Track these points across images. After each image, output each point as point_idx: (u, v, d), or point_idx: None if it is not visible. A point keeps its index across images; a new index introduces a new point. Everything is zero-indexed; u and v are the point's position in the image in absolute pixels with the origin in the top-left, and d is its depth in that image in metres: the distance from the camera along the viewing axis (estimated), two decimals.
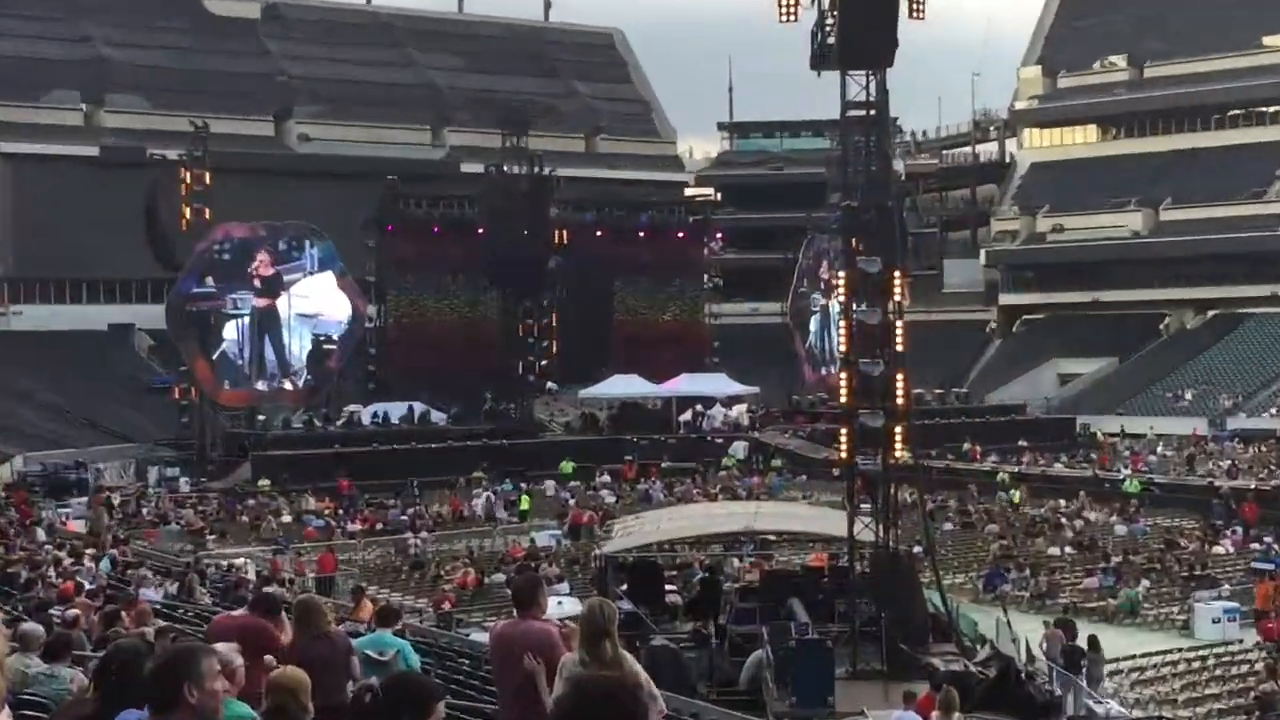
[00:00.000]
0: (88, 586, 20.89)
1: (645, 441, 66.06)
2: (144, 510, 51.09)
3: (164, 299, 68.34)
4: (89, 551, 30.03)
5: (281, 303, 67.20)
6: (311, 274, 68.02)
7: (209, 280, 65.65)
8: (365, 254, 72.17)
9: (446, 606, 33.37)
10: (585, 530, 47.56)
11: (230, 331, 66.42)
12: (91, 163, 79.13)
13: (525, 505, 53.00)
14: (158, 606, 19.40)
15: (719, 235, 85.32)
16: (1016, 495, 53.71)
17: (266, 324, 67.08)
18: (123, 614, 13.63)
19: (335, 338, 68.53)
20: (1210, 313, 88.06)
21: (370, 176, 77.01)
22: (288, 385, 67.70)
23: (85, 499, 51.72)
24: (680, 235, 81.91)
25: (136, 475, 60.81)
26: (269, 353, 67.31)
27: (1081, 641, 26.47)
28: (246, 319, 66.42)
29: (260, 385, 66.86)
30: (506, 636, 8.83)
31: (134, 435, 67.14)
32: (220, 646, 6.84)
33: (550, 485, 58.47)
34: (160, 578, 27.17)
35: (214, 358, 65.45)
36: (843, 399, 29.37)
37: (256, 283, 66.32)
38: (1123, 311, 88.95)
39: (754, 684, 24.78)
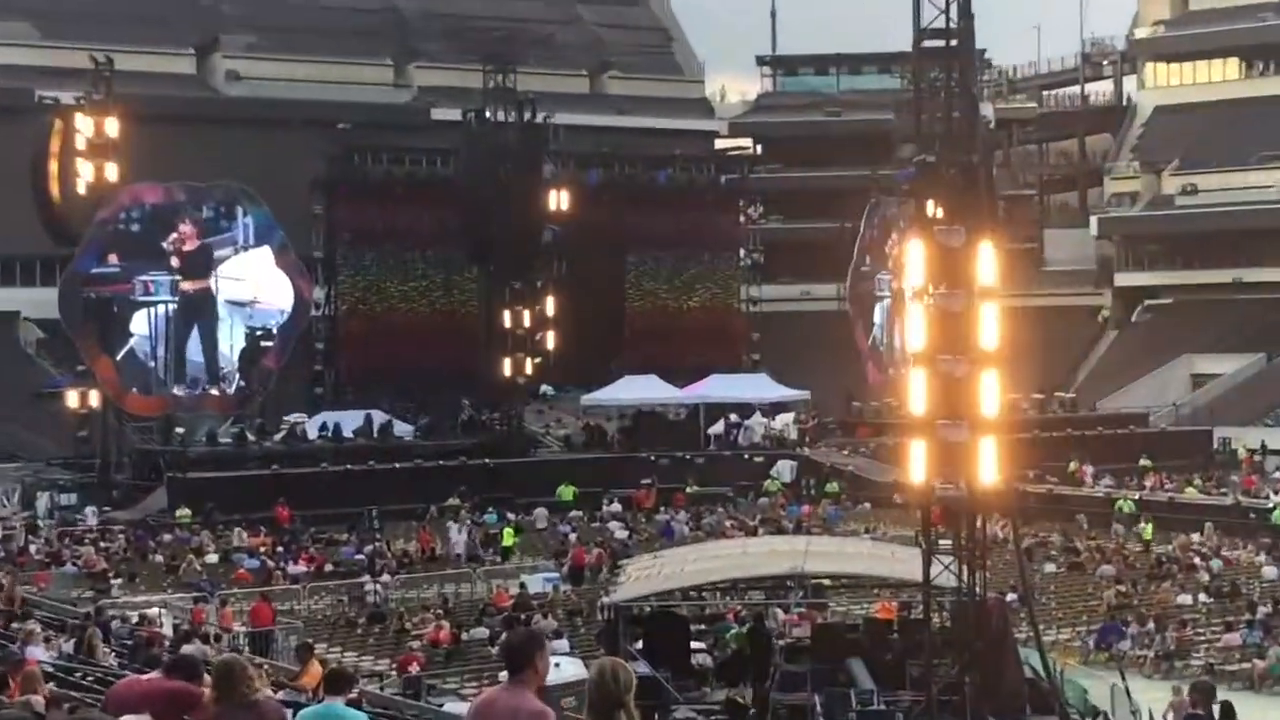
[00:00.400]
0: None
1: (665, 460, 66.05)
2: (32, 547, 51.17)
3: (56, 281, 68.46)
4: None
5: (210, 286, 67.33)
6: (245, 249, 68.10)
7: (112, 258, 65.70)
8: (311, 223, 72.23)
9: (414, 669, 33.44)
10: (590, 573, 47.55)
11: (140, 324, 66.38)
12: None
13: (509, 540, 53.03)
14: (49, 669, 19.42)
15: (759, 199, 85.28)
16: (1148, 530, 53.44)
17: (191, 314, 67.09)
18: (7, 679, 13.65)
19: (273, 330, 68.59)
20: None
21: (317, 125, 77.10)
22: (213, 390, 67.83)
23: None
24: (710, 199, 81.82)
25: (22, 503, 60.92)
26: (193, 351, 67.27)
27: (1217, 712, 26.39)
28: (163, 308, 66.52)
29: (178, 390, 66.99)
30: (492, 712, 8.79)
31: (18, 452, 67.27)
32: None
33: (541, 515, 58.46)
34: (53, 632, 27.21)
35: (118, 358, 65.54)
36: (917, 407, 29.33)
37: (176, 260, 66.43)
38: (1273, 295, 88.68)
39: None
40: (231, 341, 67.86)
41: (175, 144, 74.20)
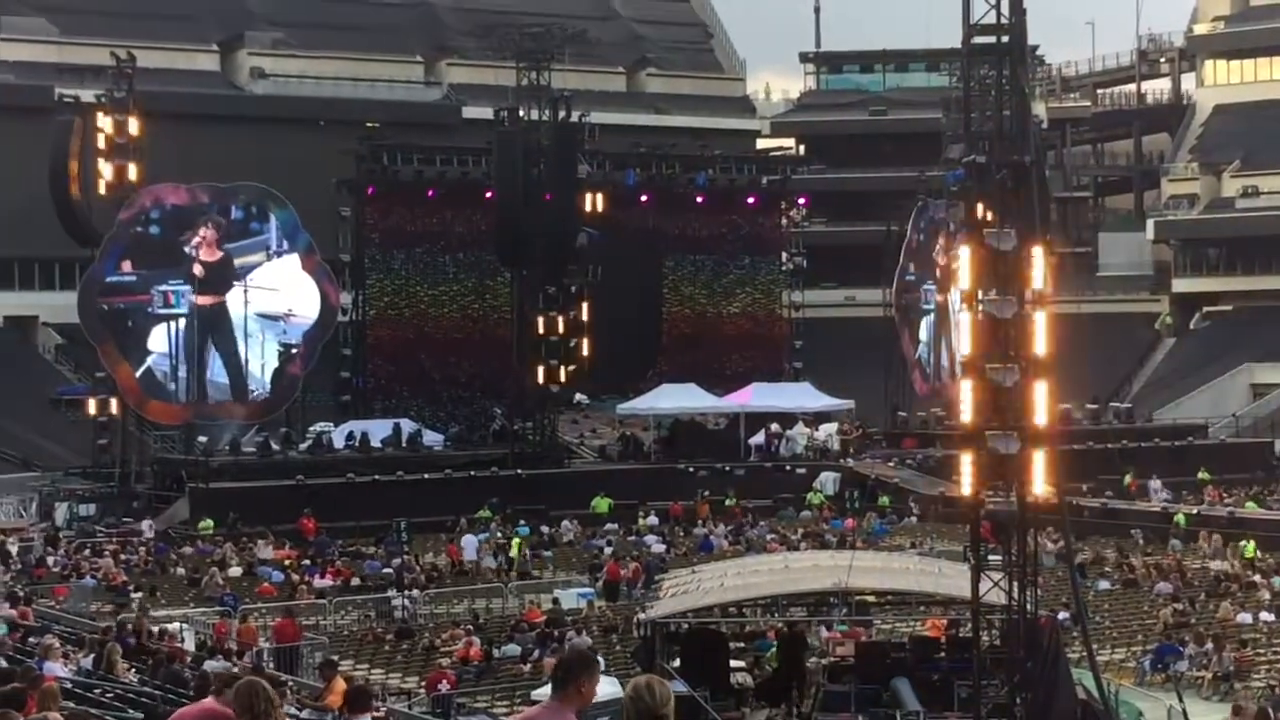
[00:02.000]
0: None
1: (704, 472, 66.09)
2: (50, 560, 51.37)
3: (76, 285, 68.77)
4: None
5: (234, 298, 67.28)
6: (278, 255, 68.22)
7: (126, 266, 65.81)
8: (338, 226, 72.49)
9: (445, 687, 33.42)
10: (625, 588, 47.54)
11: (158, 341, 66.43)
12: None
13: (515, 550, 53.09)
14: (68, 685, 19.51)
15: (802, 201, 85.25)
16: (1250, 548, 52.06)
17: (212, 330, 67.12)
18: (25, 696, 13.70)
19: (300, 335, 68.80)
20: None
21: (345, 123, 77.32)
22: (237, 398, 68.03)
23: None
24: (750, 201, 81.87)
25: (40, 514, 61.22)
26: (215, 372, 67.27)
27: None
28: (183, 322, 66.53)
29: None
30: None
31: (37, 461, 67.59)
32: None
33: (569, 528, 58.39)
34: (71, 648, 27.32)
35: (139, 373, 65.71)
36: (965, 417, 29.27)
37: (198, 269, 66.58)
38: None
39: None
40: (263, 360, 67.75)
41: (198, 143, 74.70)
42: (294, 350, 68.01)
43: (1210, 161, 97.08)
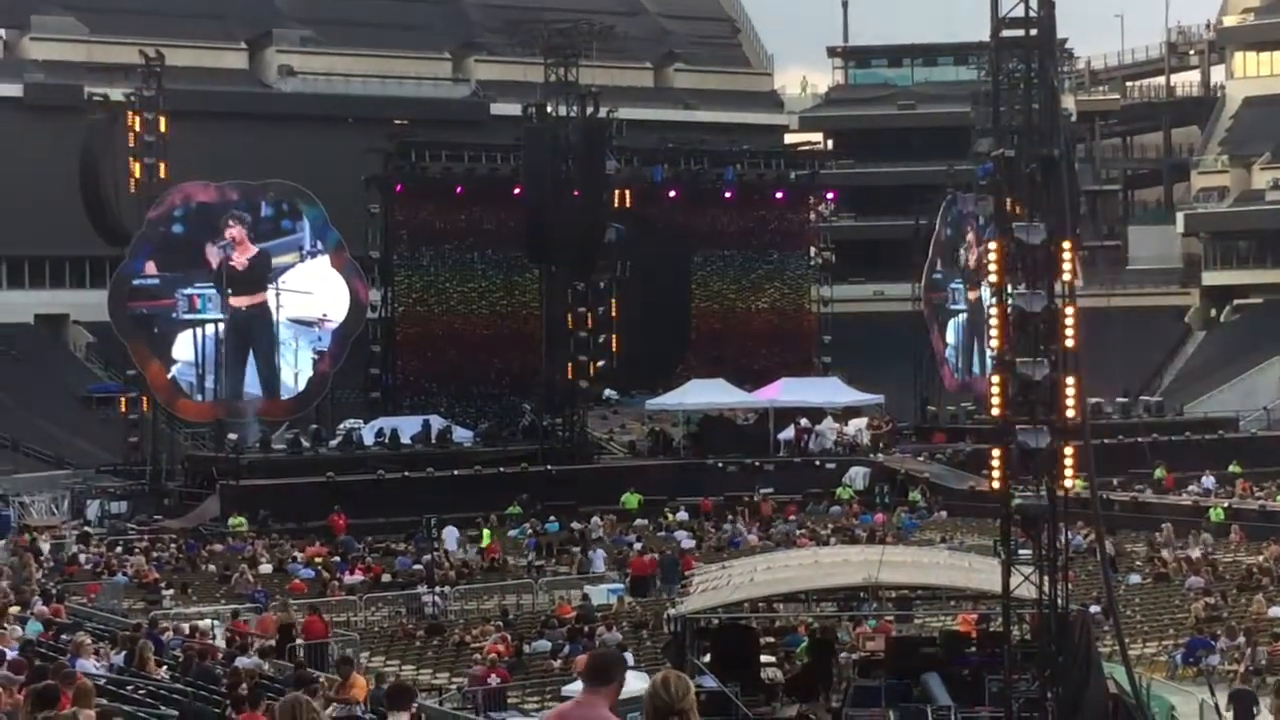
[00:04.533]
0: (9, 656, 21.13)
1: (734, 468, 66.09)
2: (81, 557, 51.54)
3: (106, 283, 69.00)
4: (11, 610, 30.34)
5: (268, 300, 67.24)
6: (311, 255, 68.27)
7: (150, 267, 65.87)
8: (367, 223, 72.55)
9: (494, 681, 33.37)
10: (654, 583, 47.58)
11: (183, 348, 66.42)
12: (13, 105, 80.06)
13: (487, 541, 52.89)
14: (100, 682, 19.59)
15: (830, 196, 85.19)
16: (1217, 512, 52.33)
17: (245, 336, 67.01)
18: (58, 693, 13.76)
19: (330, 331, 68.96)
20: None
21: (373, 121, 77.49)
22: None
23: (3, 542, 52.25)
24: (779, 196, 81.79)
25: (72, 511, 61.43)
26: (251, 383, 67.30)
27: None
28: (209, 329, 66.49)
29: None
30: None
31: (68, 459, 67.84)
32: None
33: (599, 524, 58.31)
34: (103, 644, 27.43)
35: (169, 373, 65.87)
36: (995, 411, 29.24)
37: (237, 264, 66.57)
38: None
39: None
40: (297, 368, 67.83)
41: (227, 142, 74.93)
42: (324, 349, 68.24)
43: (1240, 154, 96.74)
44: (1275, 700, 27.80)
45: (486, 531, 54.79)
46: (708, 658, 29.78)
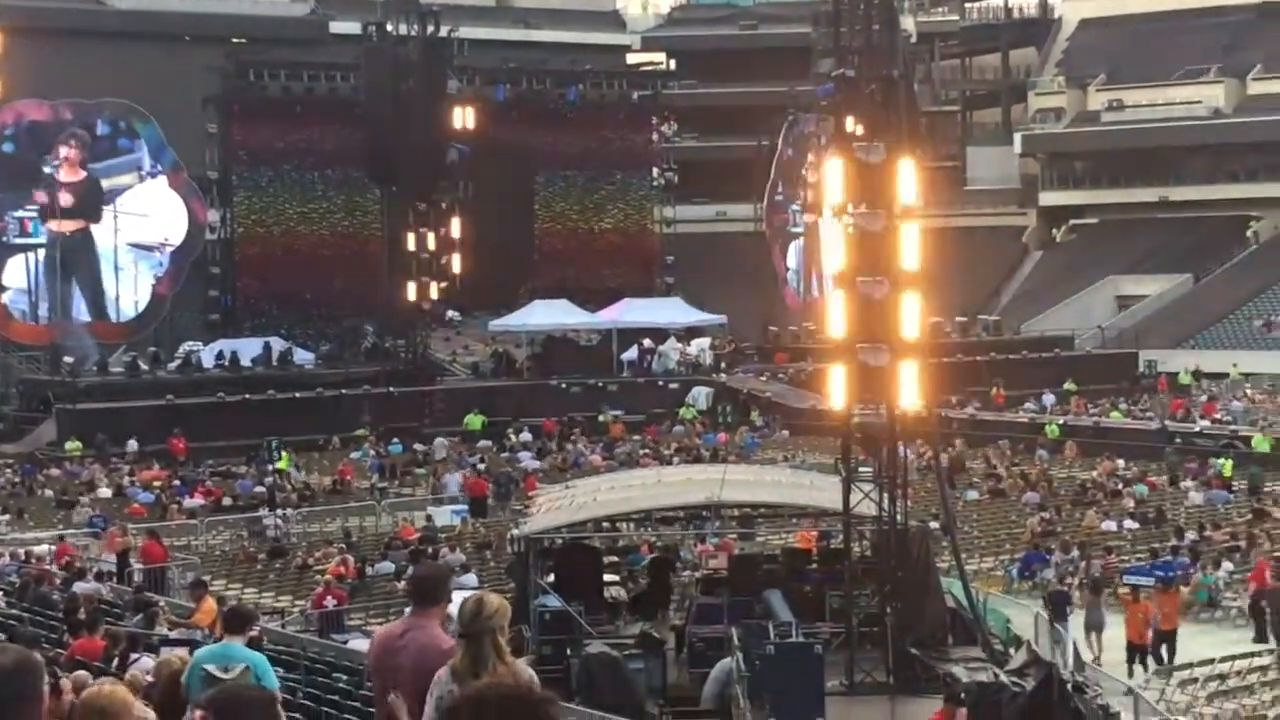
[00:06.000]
0: None
1: (577, 388, 66.18)
2: None
3: None
4: None
5: (104, 226, 66.11)
6: (150, 176, 67.28)
7: None
8: (204, 143, 71.56)
9: (332, 604, 33.25)
10: (495, 503, 47.74)
11: (14, 274, 65.33)
12: None
13: (285, 464, 52.82)
14: None
15: (672, 116, 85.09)
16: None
17: (74, 260, 65.97)
18: None
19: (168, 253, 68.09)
20: None
21: (211, 40, 76.29)
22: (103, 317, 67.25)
23: None
24: (621, 116, 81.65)
25: None
26: (78, 309, 66.33)
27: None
28: (42, 253, 65.37)
29: (65, 318, 66.37)
30: (399, 647, 8.73)
31: None
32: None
33: (442, 445, 58.19)
34: None
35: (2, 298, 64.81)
36: (836, 331, 29.40)
37: (63, 196, 65.40)
38: (1200, 214, 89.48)
39: (721, 702, 24.89)
40: (136, 295, 66.90)
41: (60, 60, 73.26)
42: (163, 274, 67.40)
43: (1076, 75, 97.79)
44: (1087, 595, 28.35)
45: (286, 455, 53.99)
46: (551, 577, 29.79)
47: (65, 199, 65.62)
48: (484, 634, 7.89)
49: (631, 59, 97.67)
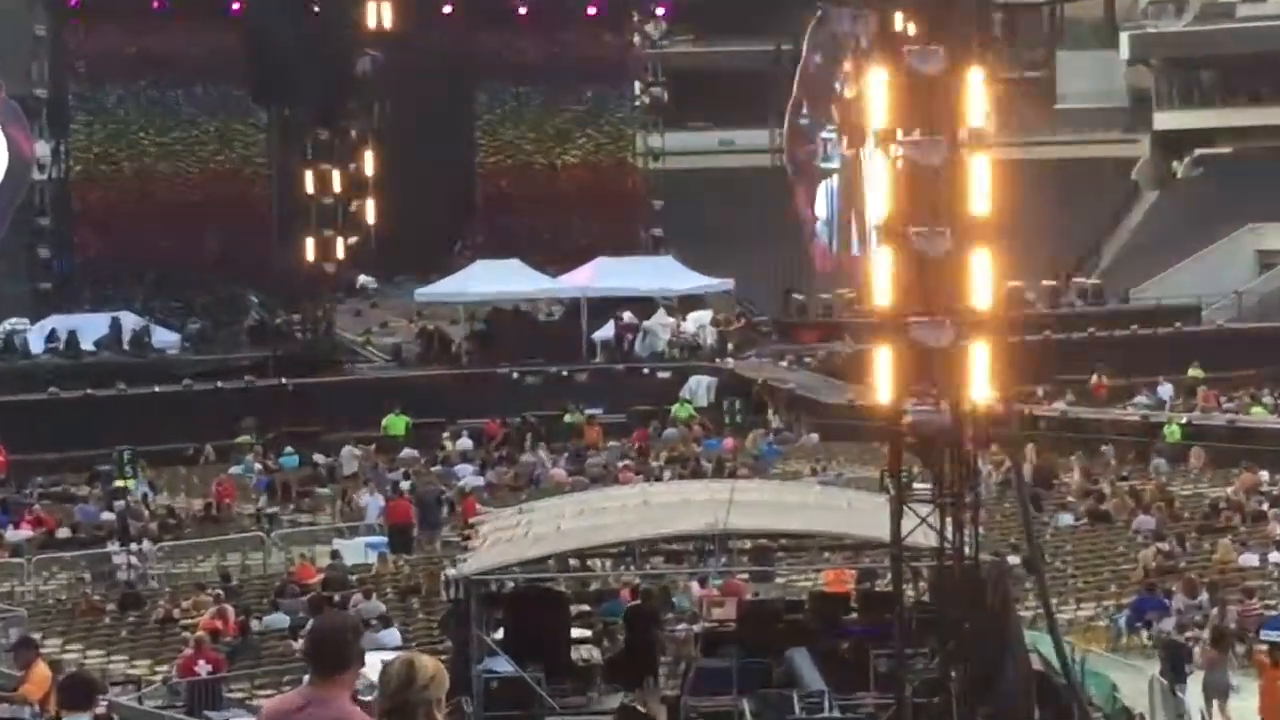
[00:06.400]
0: None
1: (533, 378, 66.20)
2: None
3: None
4: None
5: None
6: None
7: None
8: (31, 50, 71.47)
9: (206, 670, 33.29)
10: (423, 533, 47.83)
11: None
12: None
13: (134, 482, 52.61)
14: None
15: (661, 10, 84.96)
16: None
17: None
18: None
19: None
20: None
21: None
22: None
23: None
24: (591, 12, 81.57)
25: None
26: None
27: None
28: None
29: None
30: None
31: None
32: None
33: (349, 455, 58.15)
34: None
35: None
36: (881, 300, 29.48)
37: None
38: None
39: None
40: None
41: None
42: None
43: None
44: (1208, 649, 28.43)
45: (142, 470, 53.95)
46: (500, 633, 29.88)
47: None
48: (415, 709, 7.95)
49: None
